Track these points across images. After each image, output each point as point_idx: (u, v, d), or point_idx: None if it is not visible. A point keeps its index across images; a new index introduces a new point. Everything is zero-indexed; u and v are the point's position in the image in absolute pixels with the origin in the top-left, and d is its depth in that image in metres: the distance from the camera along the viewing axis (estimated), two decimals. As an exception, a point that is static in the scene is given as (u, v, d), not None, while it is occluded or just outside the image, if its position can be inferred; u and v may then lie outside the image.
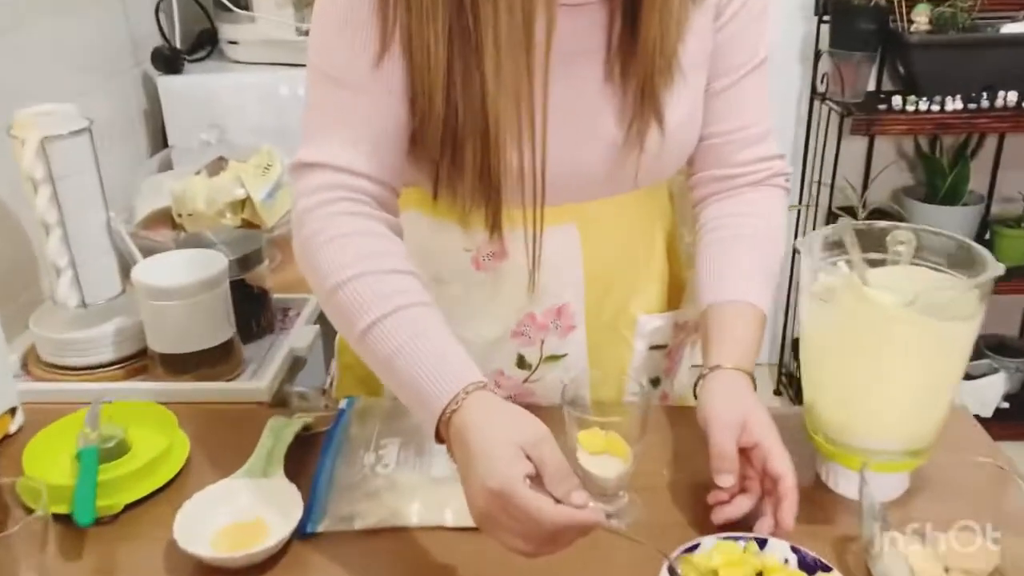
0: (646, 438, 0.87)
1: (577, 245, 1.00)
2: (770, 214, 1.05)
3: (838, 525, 0.88)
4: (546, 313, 1.02)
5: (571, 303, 1.02)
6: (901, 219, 2.46)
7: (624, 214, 1.02)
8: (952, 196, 2.39)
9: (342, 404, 1.06)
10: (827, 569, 0.77)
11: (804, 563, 0.79)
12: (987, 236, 2.50)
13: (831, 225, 0.91)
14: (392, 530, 0.87)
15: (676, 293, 1.14)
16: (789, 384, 2.77)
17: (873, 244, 0.91)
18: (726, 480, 0.86)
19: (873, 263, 0.90)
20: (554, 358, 1.05)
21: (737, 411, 0.88)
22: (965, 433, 1.00)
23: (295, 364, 1.26)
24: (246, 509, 0.89)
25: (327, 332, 1.20)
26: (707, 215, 1.06)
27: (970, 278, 0.84)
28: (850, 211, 2.48)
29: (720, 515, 0.86)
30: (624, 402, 0.89)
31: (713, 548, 0.80)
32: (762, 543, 0.80)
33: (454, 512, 0.88)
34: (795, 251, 1.86)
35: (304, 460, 0.98)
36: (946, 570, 0.79)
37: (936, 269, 0.88)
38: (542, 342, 1.03)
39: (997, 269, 0.80)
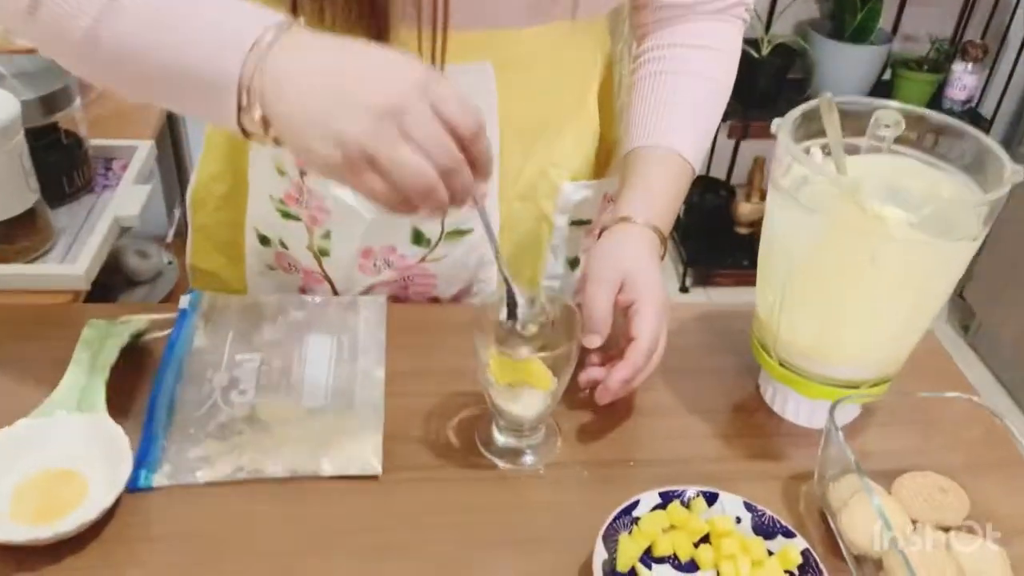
0: (572, 365, 0.70)
1: (491, 89, 0.78)
2: (722, 51, 0.87)
3: (789, 460, 0.75)
4: None
5: None
6: (805, 55, 2.31)
7: (552, 53, 0.81)
8: (860, 33, 2.25)
9: (183, 303, 0.83)
10: (789, 534, 0.65)
11: (760, 525, 0.66)
12: (888, 77, 2.40)
13: (801, 106, 0.72)
14: (251, 482, 0.69)
15: (605, 159, 0.95)
16: (675, 227, 2.67)
17: (851, 125, 0.74)
18: (591, 341, 0.73)
19: (848, 149, 0.74)
20: (458, 233, 0.85)
21: (618, 266, 0.75)
22: (928, 358, 0.88)
23: (123, 237, 1.00)
24: (54, 459, 0.67)
25: (167, 169, 0.94)
26: (648, 43, 0.87)
27: (973, 179, 0.69)
28: (753, 44, 2.30)
29: (584, 376, 0.74)
30: (550, 311, 0.71)
31: (653, 511, 0.66)
32: (711, 498, 0.67)
33: (332, 458, 0.70)
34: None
35: (135, 384, 0.76)
36: (913, 522, 0.69)
37: (927, 162, 0.72)
38: (443, 213, 0.83)
39: (1017, 175, 0.65)
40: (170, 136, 1.61)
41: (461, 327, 0.70)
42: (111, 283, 1.43)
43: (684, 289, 2.52)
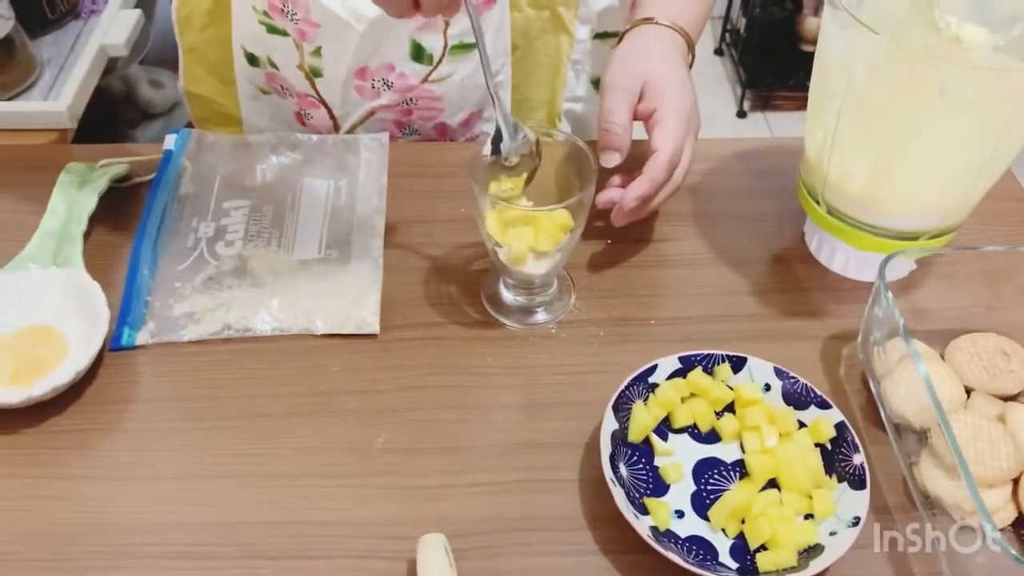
0: (585, 212, 0.62)
1: None
2: None
3: (831, 317, 0.68)
4: None
5: None
6: None
7: None
8: None
9: (168, 142, 0.76)
10: (824, 404, 0.58)
11: (792, 393, 0.59)
12: None
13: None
14: (239, 340, 0.64)
15: None
16: (733, 44, 2.48)
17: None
18: (609, 159, 0.66)
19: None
20: (464, 47, 0.76)
21: (638, 70, 0.66)
22: (1002, 203, 0.77)
23: (108, 75, 0.92)
24: (28, 317, 0.63)
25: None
26: None
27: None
28: None
29: (602, 196, 0.67)
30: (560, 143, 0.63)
31: (671, 377, 0.59)
32: (737, 364, 0.60)
33: (327, 316, 0.64)
34: None
35: (117, 233, 0.71)
36: (968, 392, 0.61)
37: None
38: (446, 24, 0.74)
39: None
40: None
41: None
42: (124, 116, 1.37)
43: (742, 113, 2.36)
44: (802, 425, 0.58)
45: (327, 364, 0.63)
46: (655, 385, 0.59)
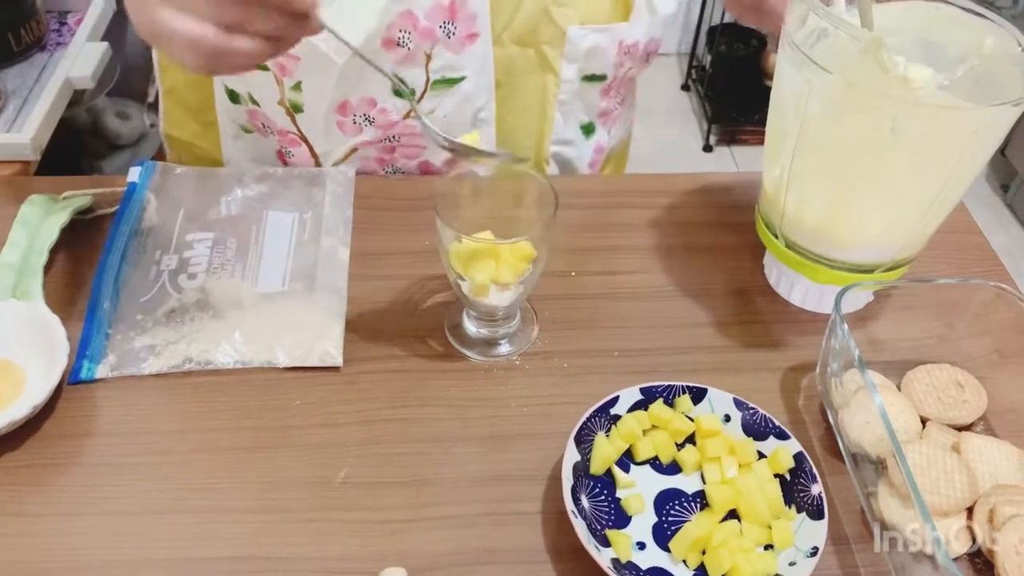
0: (547, 245, 0.63)
1: None
2: None
3: (790, 349, 0.69)
4: (432, 11, 0.71)
5: None
6: None
7: None
8: None
9: (132, 175, 0.76)
10: (782, 435, 0.59)
11: (751, 424, 0.60)
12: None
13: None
14: (201, 373, 0.63)
15: (621, 7, 0.84)
16: (699, 80, 2.52)
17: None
18: None
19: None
20: (447, 82, 0.76)
21: None
22: (956, 235, 0.79)
23: (74, 107, 0.92)
24: (-13, 350, 0.63)
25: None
26: None
27: (1020, 31, 0.58)
28: None
29: None
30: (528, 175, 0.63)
31: (633, 409, 0.60)
32: (698, 395, 0.61)
33: (290, 349, 0.64)
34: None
35: (79, 266, 0.70)
36: (923, 422, 0.62)
37: (970, 10, 0.61)
38: (428, 57, 0.74)
39: (1075, 24, 0.54)
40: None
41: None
42: (91, 147, 1.36)
43: (708, 148, 2.40)
44: (761, 456, 0.59)
45: (290, 397, 0.62)
46: (617, 417, 0.59)
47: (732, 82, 2.36)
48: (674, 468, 0.59)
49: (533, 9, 0.76)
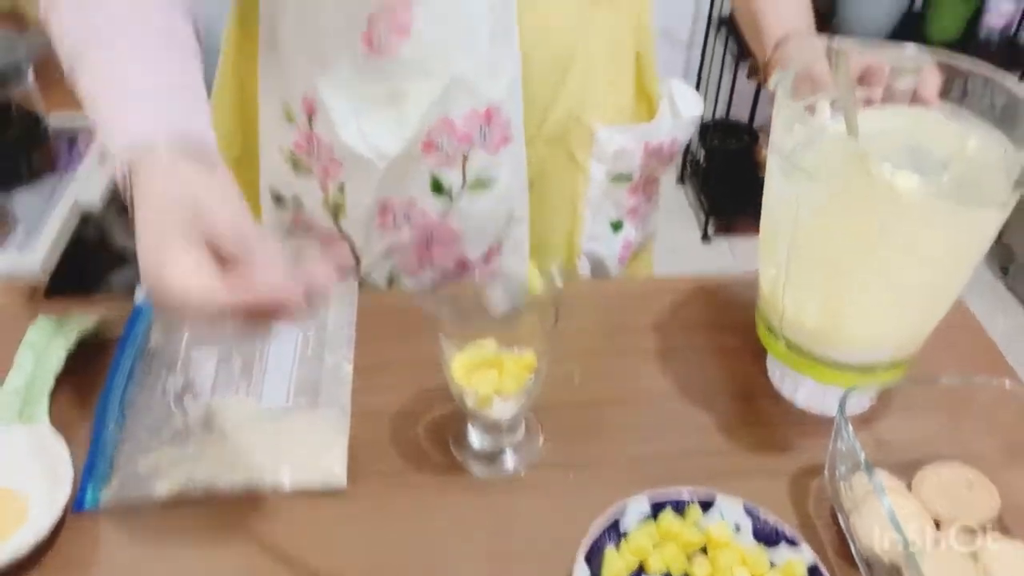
0: (553, 348, 0.63)
1: (511, 14, 0.72)
2: None
3: (798, 451, 0.68)
4: (469, 118, 0.75)
5: (503, 103, 0.75)
6: (829, -13, 2.16)
7: None
8: (889, -41, 2.10)
9: (139, 296, 0.77)
10: (793, 542, 0.58)
11: (762, 532, 0.59)
12: (919, 8, 2.25)
13: (797, 42, 0.64)
14: (205, 498, 0.63)
15: (645, 111, 0.88)
16: (695, 174, 2.57)
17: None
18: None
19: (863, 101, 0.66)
20: (481, 184, 0.79)
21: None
22: (958, 331, 0.79)
23: (85, 225, 0.94)
24: (-9, 478, 0.62)
25: None
26: None
27: (1006, 134, 0.60)
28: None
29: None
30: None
31: (642, 521, 0.59)
32: (706, 504, 0.60)
33: (294, 470, 0.64)
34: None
35: (85, 389, 0.70)
36: (936, 525, 0.61)
37: (952, 114, 0.63)
38: (464, 159, 0.77)
39: (1055, 128, 0.56)
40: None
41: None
42: (99, 262, 1.38)
43: (706, 239, 2.43)
44: (773, 565, 0.58)
45: (294, 519, 0.62)
46: (626, 531, 0.59)
47: (726, 175, 2.41)
48: (686, 581, 0.58)
49: (563, 112, 0.80)
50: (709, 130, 2.46)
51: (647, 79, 0.87)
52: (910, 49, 0.64)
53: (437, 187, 0.78)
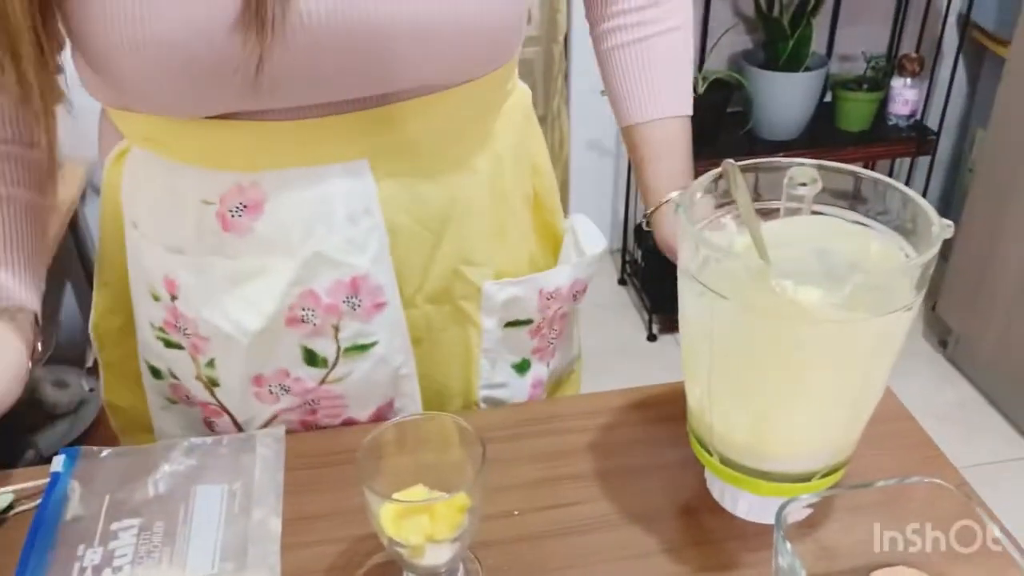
0: (485, 483, 0.61)
1: (370, 189, 0.71)
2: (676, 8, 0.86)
3: (744, 567, 0.67)
4: (334, 288, 0.72)
5: (371, 273, 0.73)
6: (742, 87, 2.26)
7: (451, 126, 0.73)
8: (794, 60, 2.21)
9: (56, 464, 0.74)
10: (745, 672, 0.56)
11: (713, 663, 0.57)
12: (829, 99, 2.36)
13: (710, 172, 0.66)
14: None
15: (549, 249, 0.88)
16: (634, 273, 2.61)
17: (768, 184, 0.67)
18: None
19: (764, 213, 0.67)
20: (359, 348, 0.76)
21: None
22: (891, 423, 0.80)
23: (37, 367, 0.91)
24: None
25: (81, 289, 0.87)
26: (604, 15, 0.86)
27: (905, 238, 0.62)
28: (689, 82, 2.26)
29: None
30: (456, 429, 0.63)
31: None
32: (654, 637, 0.58)
33: (219, 640, 0.60)
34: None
35: (0, 563, 0.67)
36: (888, 635, 0.60)
37: (854, 220, 0.65)
38: (336, 328, 0.74)
39: (945, 231, 0.58)
40: (78, 257, 1.53)
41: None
42: (29, 420, 1.34)
43: (652, 337, 2.44)
44: None
45: None
46: (572, 674, 0.56)
47: (666, 273, 2.43)
48: None
49: (443, 271, 0.77)
50: (644, 230, 2.51)
51: (548, 219, 0.87)
52: (807, 162, 0.66)
53: (311, 358, 0.76)
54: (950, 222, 0.58)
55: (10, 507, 0.71)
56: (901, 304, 0.56)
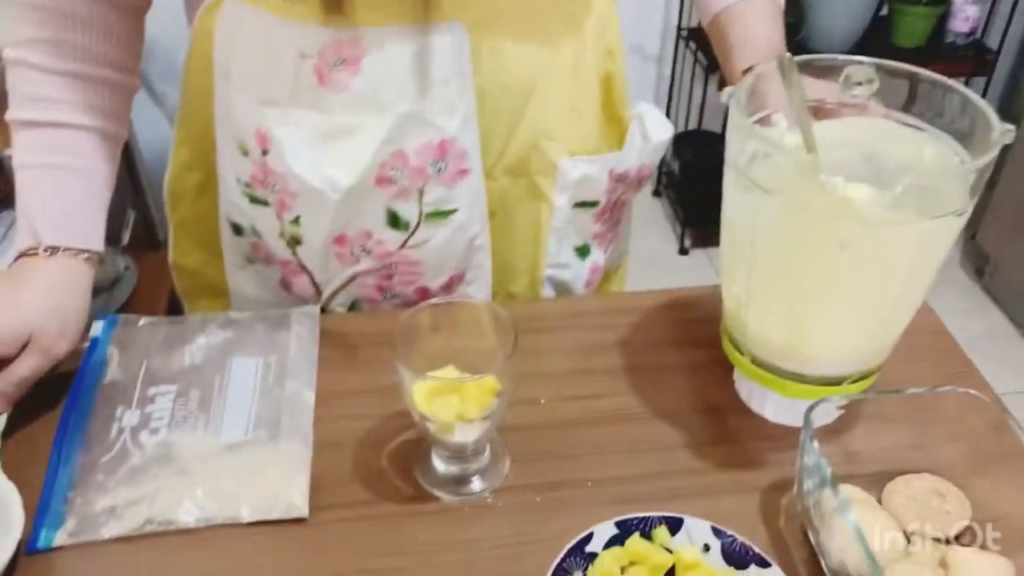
0: (515, 370, 0.61)
1: (464, 51, 0.72)
2: None
3: (768, 467, 0.67)
4: (423, 150, 0.73)
5: (458, 137, 0.74)
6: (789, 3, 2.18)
7: (541, 9, 0.74)
8: (850, -32, 2.12)
9: (95, 329, 0.76)
10: (763, 563, 0.57)
11: (731, 552, 0.58)
12: (885, 13, 2.27)
13: (762, 64, 0.63)
14: (162, 534, 0.61)
15: (615, 135, 0.87)
16: (670, 185, 2.57)
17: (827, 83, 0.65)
18: None
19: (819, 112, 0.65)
20: (440, 214, 0.77)
21: None
22: (926, 337, 0.79)
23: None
24: (-60, 524, 0.61)
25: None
26: None
27: (960, 142, 0.60)
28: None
29: None
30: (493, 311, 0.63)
31: (608, 544, 0.58)
32: (675, 524, 0.59)
33: (254, 502, 0.63)
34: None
35: (40, 426, 0.69)
36: (907, 536, 0.61)
37: (908, 123, 0.63)
38: (420, 192, 0.76)
39: (1006, 135, 0.56)
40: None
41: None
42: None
43: (683, 251, 2.43)
44: (744, 586, 0.57)
45: (254, 553, 0.60)
46: (593, 555, 0.57)
47: (701, 186, 2.41)
48: (655, 604, 0.57)
49: (523, 143, 0.79)
50: (682, 142, 2.47)
51: (617, 104, 0.86)
52: (865, 60, 0.64)
53: (394, 220, 0.77)
54: (1011, 126, 0.56)
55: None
56: (953, 208, 0.55)
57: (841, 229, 0.55)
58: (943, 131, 0.62)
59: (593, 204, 0.86)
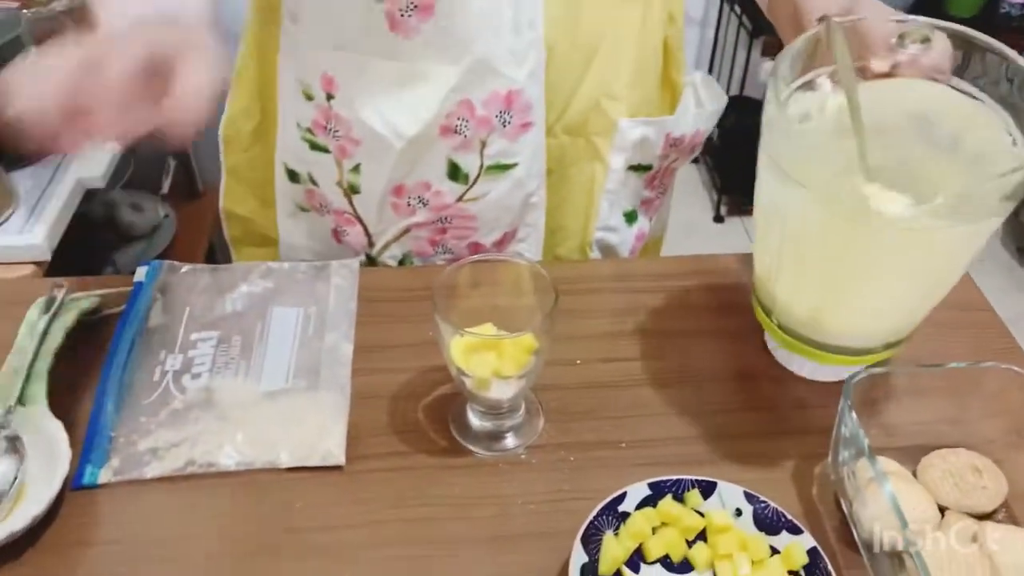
0: (553, 330, 0.62)
1: (537, 3, 0.72)
2: None
3: (800, 434, 0.67)
4: (490, 100, 0.74)
5: (525, 89, 0.74)
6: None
7: None
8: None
9: (139, 274, 0.77)
10: (795, 529, 0.57)
11: (763, 518, 0.58)
12: (937, -18, 2.21)
13: (808, 33, 0.62)
14: (203, 475, 0.63)
15: (670, 100, 0.88)
16: (708, 152, 2.54)
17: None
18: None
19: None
20: (500, 168, 0.78)
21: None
22: (967, 313, 0.78)
23: (89, 200, 0.93)
24: (-10, 457, 0.62)
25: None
26: None
27: (1012, 114, 0.58)
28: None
29: None
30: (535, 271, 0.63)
31: (642, 506, 0.59)
32: (707, 488, 0.60)
33: (292, 448, 0.64)
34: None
35: (85, 368, 0.70)
36: (942, 511, 0.61)
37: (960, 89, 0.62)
38: (483, 144, 0.76)
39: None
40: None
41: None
42: (105, 239, 1.38)
43: (719, 218, 2.41)
44: (775, 551, 0.57)
45: (292, 499, 0.62)
46: (625, 514, 0.58)
47: (740, 154, 2.37)
48: (686, 567, 0.57)
49: (585, 101, 0.79)
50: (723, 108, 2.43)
51: (674, 70, 0.86)
52: (920, 19, 0.62)
53: (454, 172, 0.77)
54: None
55: (96, 310, 0.74)
56: (990, 213, 0.54)
57: (871, 233, 0.54)
58: (996, 102, 0.60)
59: (647, 168, 0.86)
